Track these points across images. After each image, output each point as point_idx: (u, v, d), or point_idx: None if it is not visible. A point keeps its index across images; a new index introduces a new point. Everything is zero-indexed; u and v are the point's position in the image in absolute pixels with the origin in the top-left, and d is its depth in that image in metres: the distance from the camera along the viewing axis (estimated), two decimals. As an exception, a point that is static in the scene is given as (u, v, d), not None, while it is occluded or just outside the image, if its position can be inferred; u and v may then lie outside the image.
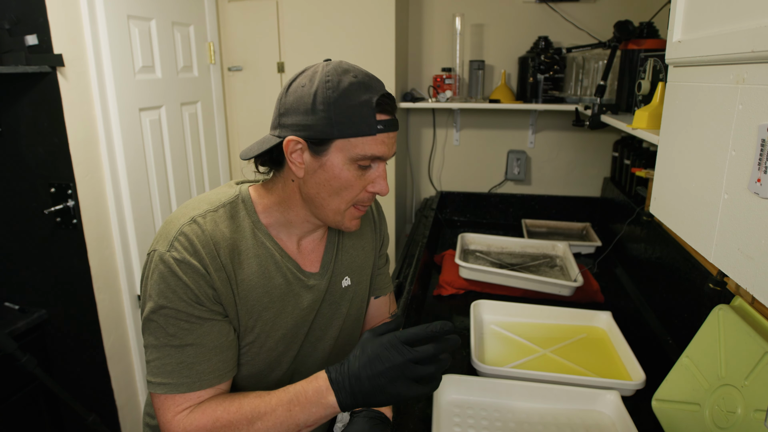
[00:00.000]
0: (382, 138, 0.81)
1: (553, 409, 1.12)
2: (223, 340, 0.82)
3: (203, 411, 0.79)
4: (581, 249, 2.13)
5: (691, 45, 0.77)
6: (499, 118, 2.57)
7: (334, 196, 0.84)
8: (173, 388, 0.79)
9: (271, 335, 0.89)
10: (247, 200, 0.89)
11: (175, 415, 0.80)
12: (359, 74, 0.82)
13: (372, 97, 0.80)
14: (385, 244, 1.11)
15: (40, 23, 1.54)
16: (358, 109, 0.79)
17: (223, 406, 0.79)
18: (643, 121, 1.22)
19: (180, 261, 0.78)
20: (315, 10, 2.27)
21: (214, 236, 0.82)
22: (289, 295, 0.90)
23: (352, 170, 0.82)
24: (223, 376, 0.83)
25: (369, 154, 0.81)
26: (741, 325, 0.96)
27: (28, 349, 1.62)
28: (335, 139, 0.80)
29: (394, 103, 0.84)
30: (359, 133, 0.79)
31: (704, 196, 0.71)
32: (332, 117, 0.79)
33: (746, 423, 0.86)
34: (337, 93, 0.79)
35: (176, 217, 0.84)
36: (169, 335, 0.79)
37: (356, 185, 0.83)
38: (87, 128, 1.70)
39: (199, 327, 0.80)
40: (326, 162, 0.81)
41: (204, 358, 0.80)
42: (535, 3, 2.37)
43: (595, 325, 1.47)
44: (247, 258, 0.86)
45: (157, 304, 0.79)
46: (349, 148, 0.80)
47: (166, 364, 0.79)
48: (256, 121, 2.49)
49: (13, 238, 1.78)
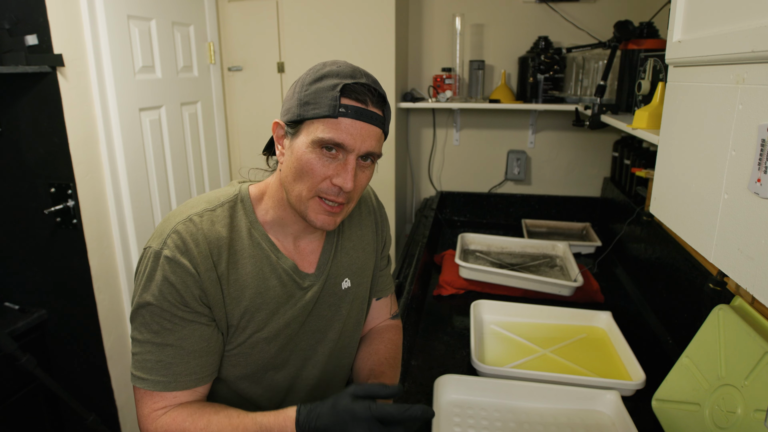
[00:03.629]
0: (345, 124, 0.78)
1: (553, 409, 1.12)
2: (203, 345, 0.82)
3: (174, 418, 0.80)
4: (581, 249, 2.13)
5: (691, 45, 0.77)
6: (499, 118, 2.57)
7: (297, 180, 0.82)
8: (151, 385, 0.80)
9: (264, 336, 0.89)
10: (245, 199, 0.89)
11: (151, 412, 0.81)
12: (345, 66, 0.82)
13: (342, 82, 0.79)
14: (387, 245, 1.11)
15: (40, 23, 1.54)
16: (324, 91, 0.79)
17: (192, 418, 0.79)
18: (643, 121, 1.22)
19: (170, 259, 0.79)
20: (315, 10, 2.27)
21: (209, 236, 0.82)
22: (284, 297, 0.90)
23: (315, 154, 0.80)
24: (200, 380, 0.83)
25: (327, 137, 0.78)
26: (741, 325, 0.96)
27: (28, 349, 1.62)
28: (304, 120, 0.80)
29: (375, 98, 0.81)
30: (320, 115, 0.79)
31: (704, 196, 0.71)
32: (301, 98, 0.80)
33: (746, 423, 0.86)
34: (313, 77, 0.81)
35: (174, 214, 0.84)
36: (152, 332, 0.80)
37: (318, 172, 0.80)
38: (87, 128, 1.70)
39: (181, 329, 0.80)
40: (294, 143, 0.82)
41: (182, 360, 0.80)
42: (535, 3, 2.37)
43: (595, 325, 1.47)
44: (242, 258, 0.86)
45: (144, 300, 0.79)
46: (312, 129, 0.80)
47: (146, 360, 0.80)
48: (256, 121, 2.49)
49: (13, 238, 1.78)
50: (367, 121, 0.80)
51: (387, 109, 0.85)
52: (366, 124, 0.80)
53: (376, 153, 0.83)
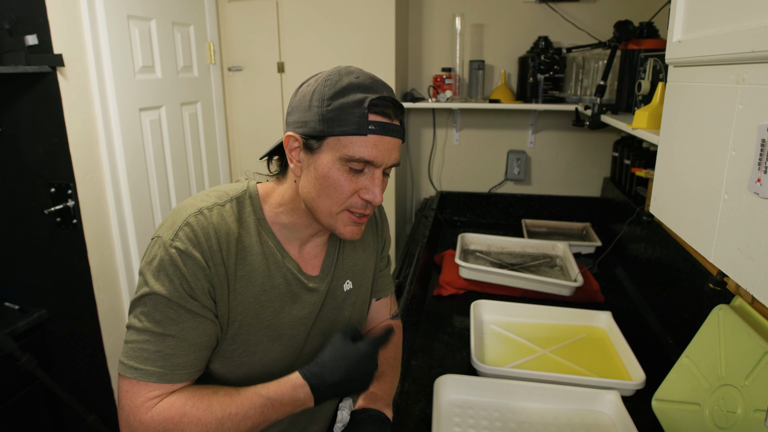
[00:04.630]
0: (374, 141, 0.79)
1: (553, 409, 1.12)
2: (204, 339, 0.82)
3: (172, 403, 0.78)
4: (581, 249, 2.13)
5: (691, 45, 0.77)
6: (499, 118, 2.57)
7: (324, 196, 0.82)
8: (145, 375, 0.78)
9: (268, 335, 0.88)
10: (254, 196, 0.89)
11: (145, 402, 0.78)
12: (362, 76, 0.81)
13: (367, 97, 0.78)
14: (386, 246, 1.11)
15: (40, 23, 1.54)
16: (350, 108, 0.78)
17: (193, 401, 0.78)
18: (643, 121, 1.22)
19: (182, 252, 0.78)
20: (315, 10, 2.27)
21: (219, 229, 0.82)
22: (288, 296, 0.90)
23: (342, 171, 0.80)
24: (192, 374, 0.82)
25: (357, 155, 0.78)
26: (741, 325, 0.96)
27: (28, 349, 1.62)
28: (327, 136, 0.79)
29: (397, 110, 0.82)
30: (349, 132, 0.78)
31: (704, 196, 0.71)
32: (325, 114, 0.79)
33: (746, 423, 0.86)
34: (333, 90, 0.79)
35: (184, 206, 0.84)
36: (154, 321, 0.78)
37: (346, 188, 0.81)
38: (87, 128, 1.70)
39: (185, 321, 0.79)
40: (317, 160, 0.81)
41: (182, 352, 0.79)
42: (535, 3, 2.37)
43: (595, 325, 1.47)
44: (251, 254, 0.86)
45: (151, 290, 0.78)
46: (339, 147, 0.79)
47: (143, 350, 0.78)
48: (256, 121, 2.49)
49: (13, 238, 1.78)
50: (393, 135, 0.81)
51: (404, 118, 0.86)
52: (392, 138, 0.81)
53: (397, 164, 0.85)
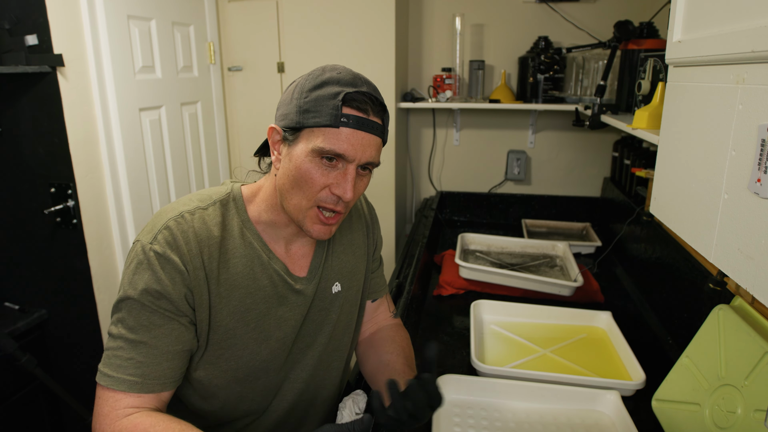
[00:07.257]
0: (346, 134, 0.78)
1: (553, 409, 1.12)
2: (178, 348, 0.80)
3: (135, 425, 0.75)
4: (581, 249, 2.13)
5: (691, 45, 0.77)
6: (499, 118, 2.57)
7: (296, 189, 0.81)
8: (116, 383, 0.77)
9: (254, 338, 0.87)
10: (238, 198, 0.88)
11: (112, 411, 0.77)
12: (344, 72, 0.81)
13: (343, 90, 0.78)
14: (378, 247, 1.10)
15: (40, 23, 1.54)
16: (324, 100, 0.78)
17: (155, 429, 0.74)
18: (643, 121, 1.22)
19: (160, 255, 0.78)
20: (315, 10, 2.27)
21: (200, 233, 0.81)
22: (275, 298, 0.88)
23: (315, 164, 0.79)
24: (166, 385, 0.80)
25: (328, 147, 0.77)
26: (741, 325, 0.96)
27: (28, 349, 1.62)
28: (303, 128, 0.79)
29: (376, 107, 0.81)
30: (321, 124, 0.78)
31: (704, 196, 0.71)
32: (301, 105, 0.79)
33: (746, 423, 0.86)
34: (313, 84, 0.80)
35: (165, 210, 0.83)
36: (127, 328, 0.77)
37: (317, 181, 0.80)
38: (87, 128, 1.70)
39: (158, 327, 0.78)
40: (293, 151, 0.81)
41: (154, 360, 0.78)
42: (535, 3, 2.37)
43: (595, 325, 1.47)
44: (234, 257, 0.85)
45: (126, 294, 0.78)
46: (312, 138, 0.79)
47: (117, 356, 0.77)
48: (256, 121, 2.49)
49: (13, 238, 1.78)
50: (368, 130, 0.80)
51: (386, 117, 0.85)
52: (367, 134, 0.80)
53: (375, 162, 0.83)
